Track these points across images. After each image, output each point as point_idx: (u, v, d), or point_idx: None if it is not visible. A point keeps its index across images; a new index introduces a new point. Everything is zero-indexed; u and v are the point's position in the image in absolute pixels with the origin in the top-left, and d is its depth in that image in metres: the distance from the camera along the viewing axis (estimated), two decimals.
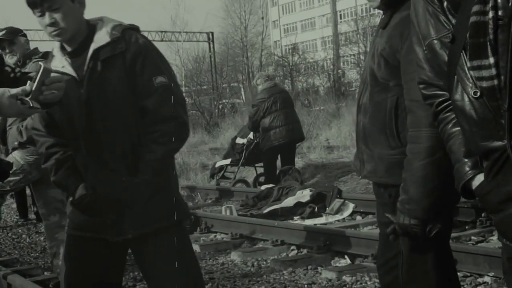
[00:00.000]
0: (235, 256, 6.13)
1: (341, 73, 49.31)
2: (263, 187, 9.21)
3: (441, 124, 1.97)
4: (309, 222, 7.46)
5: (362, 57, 53.75)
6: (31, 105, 2.51)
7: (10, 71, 2.75)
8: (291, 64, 50.88)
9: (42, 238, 7.61)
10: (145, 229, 2.84)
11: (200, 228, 7.30)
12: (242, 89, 51.88)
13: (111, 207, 2.83)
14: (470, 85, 1.71)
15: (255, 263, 5.86)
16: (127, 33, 2.84)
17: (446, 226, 2.58)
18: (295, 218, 7.75)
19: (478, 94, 1.69)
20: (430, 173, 2.39)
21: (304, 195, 8.20)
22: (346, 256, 5.68)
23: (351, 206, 7.73)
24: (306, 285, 5.08)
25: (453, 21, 1.82)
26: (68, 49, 2.86)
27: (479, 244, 5.73)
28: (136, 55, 2.80)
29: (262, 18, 72.97)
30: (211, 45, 36.73)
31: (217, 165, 10.69)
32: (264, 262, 5.86)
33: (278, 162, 9.95)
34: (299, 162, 10.85)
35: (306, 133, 11.45)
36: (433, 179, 2.39)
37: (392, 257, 2.79)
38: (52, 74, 2.59)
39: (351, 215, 7.66)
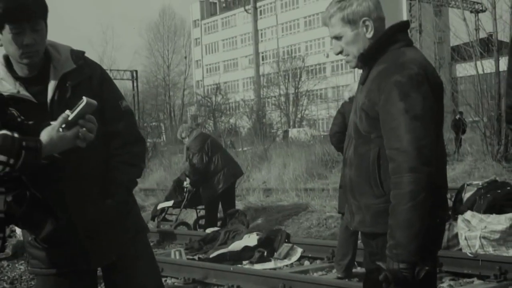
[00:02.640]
0: None
1: (261, 114, 49.90)
2: (208, 230, 9.19)
3: None
4: (258, 267, 7.49)
5: (283, 99, 54.73)
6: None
7: (16, 116, 2.66)
8: (214, 104, 51.10)
9: None
10: (125, 246, 2.89)
11: None
12: (163, 128, 51.70)
13: (89, 235, 2.80)
14: None
15: None
16: (87, 59, 2.86)
17: (433, 269, 2.71)
18: (244, 262, 7.76)
19: None
20: (414, 216, 2.50)
21: (251, 239, 8.23)
22: None
23: (299, 251, 7.81)
24: None
25: None
26: (23, 74, 2.73)
27: None
28: (101, 80, 2.83)
29: (185, 57, 73.37)
30: (135, 84, 36.55)
31: (159, 207, 10.60)
32: None
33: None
34: (238, 205, 10.90)
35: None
36: (417, 221, 2.50)
37: None
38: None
39: (298, 259, 7.74)
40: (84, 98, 2.51)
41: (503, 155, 16.33)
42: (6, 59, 2.76)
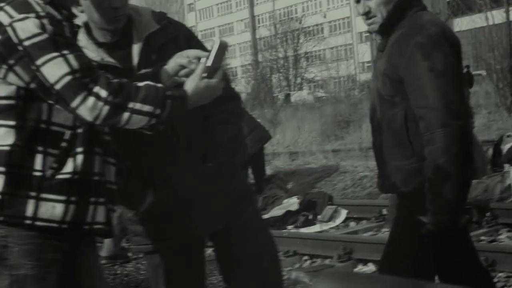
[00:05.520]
0: None
1: (262, 78, 49.61)
2: None
3: None
4: (304, 231, 7.44)
5: (282, 62, 54.38)
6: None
7: None
8: None
9: None
10: (233, 213, 2.75)
11: None
12: None
13: (192, 203, 2.66)
14: None
15: None
16: (171, 19, 2.70)
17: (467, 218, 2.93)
18: (289, 227, 7.70)
19: None
20: (451, 169, 2.60)
21: (292, 203, 8.17)
22: (370, 264, 5.69)
23: (344, 213, 7.75)
24: None
25: None
26: (106, 40, 2.59)
27: (494, 243, 5.88)
28: (188, 39, 2.65)
29: None
30: None
31: None
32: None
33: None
34: (267, 170, 10.83)
35: None
36: (454, 173, 2.60)
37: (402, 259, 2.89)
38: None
39: (344, 221, 7.69)
40: (216, 39, 2.32)
41: None
42: (86, 26, 2.60)
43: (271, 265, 2.90)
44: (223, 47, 2.29)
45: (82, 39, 2.55)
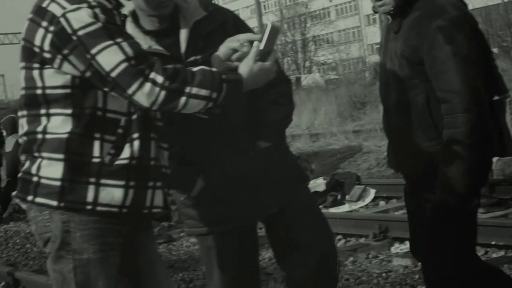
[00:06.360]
0: None
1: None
2: None
3: None
4: (333, 211, 7.36)
5: (290, 46, 54.25)
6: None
7: None
8: None
9: None
10: (287, 196, 2.68)
11: None
12: None
13: (244, 186, 2.61)
14: None
15: None
16: (217, 5, 2.68)
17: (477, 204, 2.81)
18: None
19: None
20: (468, 154, 2.57)
21: (318, 184, 8.10)
22: (406, 242, 5.60)
23: (372, 192, 7.68)
24: (383, 274, 4.97)
25: None
26: (153, 27, 2.57)
27: None
28: (236, 25, 2.62)
29: None
30: None
31: None
32: None
33: None
34: None
35: None
36: (470, 159, 2.57)
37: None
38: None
39: (373, 200, 7.61)
40: (268, 22, 2.30)
41: None
42: (133, 15, 2.58)
43: (329, 249, 2.82)
44: (275, 30, 2.30)
45: (129, 28, 2.53)
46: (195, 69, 2.17)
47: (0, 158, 10.46)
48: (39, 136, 2.18)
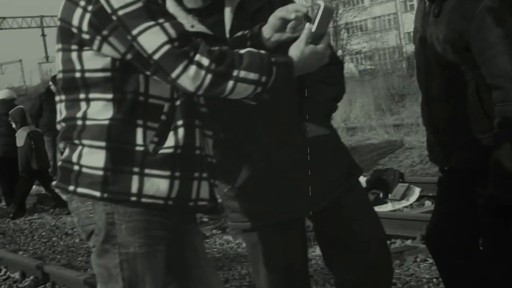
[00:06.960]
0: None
1: None
2: None
3: None
4: (375, 210, 7.20)
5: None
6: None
7: None
8: None
9: None
10: (337, 190, 2.55)
11: None
12: None
13: (291, 178, 2.48)
14: None
15: None
16: None
17: None
18: None
19: None
20: None
21: None
22: None
23: (417, 191, 7.47)
24: (434, 280, 4.83)
25: None
26: (196, 5, 2.42)
27: None
28: (285, 2, 2.41)
29: None
30: None
31: None
32: None
33: None
34: None
35: None
36: None
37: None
38: None
39: (418, 200, 7.42)
40: (321, 3, 2.14)
41: None
42: None
43: (384, 250, 2.70)
44: (328, 12, 2.15)
45: (170, 6, 2.39)
46: (242, 51, 2.05)
47: (12, 150, 9.85)
48: (79, 122, 2.08)
